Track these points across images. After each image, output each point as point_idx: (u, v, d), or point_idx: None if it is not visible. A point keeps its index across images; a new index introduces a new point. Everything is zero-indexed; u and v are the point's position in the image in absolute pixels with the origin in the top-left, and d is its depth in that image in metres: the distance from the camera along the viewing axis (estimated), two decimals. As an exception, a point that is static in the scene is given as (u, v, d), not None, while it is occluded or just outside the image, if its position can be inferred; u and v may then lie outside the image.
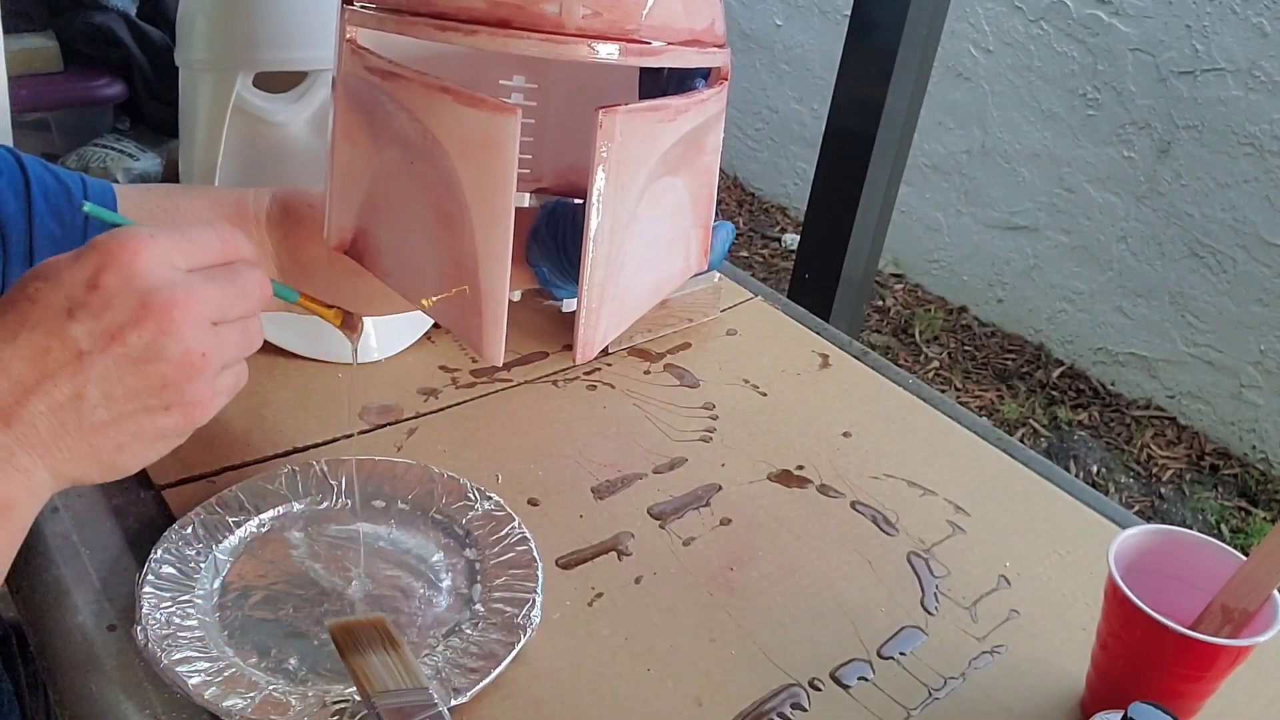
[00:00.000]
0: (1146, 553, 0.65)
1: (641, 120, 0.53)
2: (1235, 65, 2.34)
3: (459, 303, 0.56)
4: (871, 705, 0.65)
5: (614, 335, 0.59)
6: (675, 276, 0.65)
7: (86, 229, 0.62)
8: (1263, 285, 2.39)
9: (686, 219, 0.64)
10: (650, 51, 0.52)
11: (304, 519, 0.73)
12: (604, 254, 0.55)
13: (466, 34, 0.50)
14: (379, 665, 0.60)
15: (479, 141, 0.51)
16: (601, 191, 0.53)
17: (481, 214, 0.53)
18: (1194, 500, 2.38)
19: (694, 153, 0.61)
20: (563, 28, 0.49)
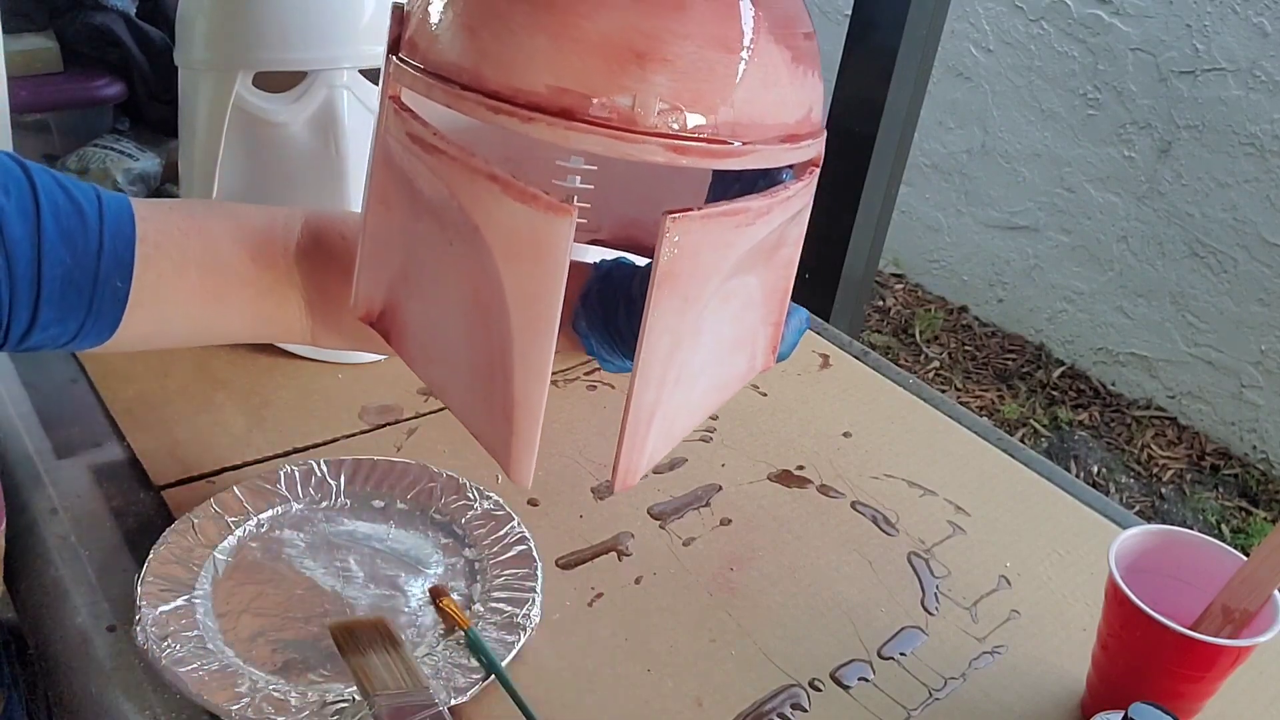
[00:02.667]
0: (1147, 553, 0.65)
1: (715, 227, 0.46)
2: (1236, 65, 2.34)
3: (489, 409, 0.50)
4: (872, 706, 0.64)
5: (660, 457, 0.53)
6: (736, 381, 0.57)
7: (100, 256, 0.57)
8: (1263, 285, 2.39)
9: (755, 316, 0.56)
10: (734, 153, 0.45)
11: (303, 519, 0.73)
12: (657, 376, 0.48)
13: (523, 120, 0.43)
14: (379, 665, 0.60)
15: (526, 242, 0.45)
16: (661, 309, 0.46)
17: (522, 321, 0.46)
18: (1194, 500, 2.38)
19: (773, 247, 0.53)
20: (634, 124, 0.43)
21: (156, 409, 0.82)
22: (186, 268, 0.60)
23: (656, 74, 0.42)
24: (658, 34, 0.42)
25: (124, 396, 0.82)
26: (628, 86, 0.42)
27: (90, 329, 0.58)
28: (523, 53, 0.43)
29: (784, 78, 0.46)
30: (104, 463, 0.77)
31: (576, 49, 0.42)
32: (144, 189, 1.08)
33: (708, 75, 0.43)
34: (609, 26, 0.42)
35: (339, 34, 0.86)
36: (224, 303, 0.62)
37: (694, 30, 0.43)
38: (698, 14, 0.43)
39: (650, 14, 0.42)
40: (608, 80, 0.42)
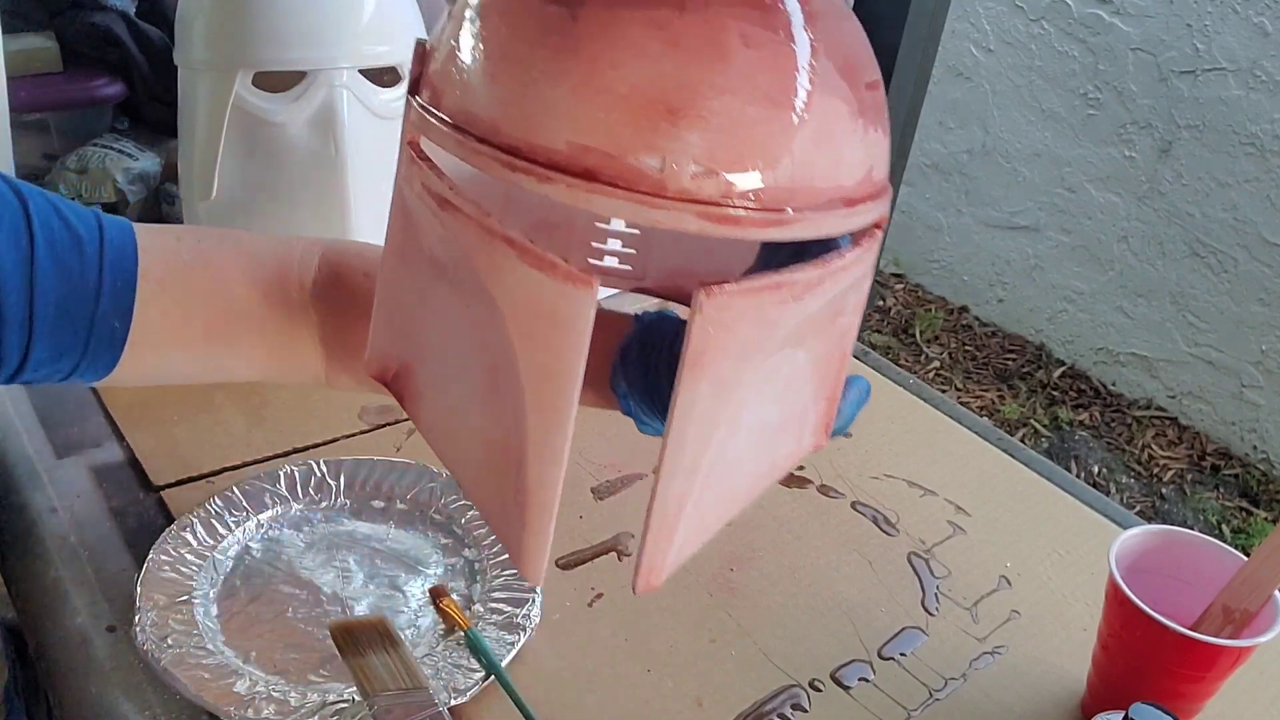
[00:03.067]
0: (1147, 553, 0.65)
1: (756, 303, 0.41)
2: (1236, 65, 2.34)
3: (500, 494, 0.46)
4: (872, 706, 0.64)
5: (691, 553, 0.47)
6: (781, 465, 0.52)
7: (99, 292, 0.53)
8: (1264, 285, 2.39)
9: (806, 393, 0.50)
10: (778, 223, 0.39)
11: (303, 519, 0.73)
12: (686, 465, 0.43)
13: (540, 180, 0.38)
14: (379, 665, 0.60)
15: (543, 314, 0.40)
16: (691, 395, 0.41)
17: (537, 400, 0.42)
18: (1195, 500, 2.38)
19: (828, 318, 0.47)
20: (663, 189, 0.37)
21: (156, 409, 0.82)
22: (192, 307, 0.56)
23: (691, 132, 0.37)
24: (695, 87, 0.37)
25: (124, 396, 0.82)
26: (657, 146, 0.37)
27: (86, 368, 0.55)
28: (542, 104, 0.38)
29: (841, 134, 0.41)
30: (104, 463, 0.77)
31: (601, 102, 0.37)
32: (144, 189, 1.08)
33: (751, 134, 0.38)
34: (639, 77, 0.37)
35: (339, 34, 0.86)
36: (231, 344, 0.58)
37: (737, 83, 0.38)
38: (742, 64, 0.38)
39: (687, 64, 0.37)
40: (635, 138, 0.37)
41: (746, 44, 0.38)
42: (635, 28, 0.38)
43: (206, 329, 0.57)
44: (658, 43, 0.37)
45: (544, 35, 0.39)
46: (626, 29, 0.38)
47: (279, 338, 0.58)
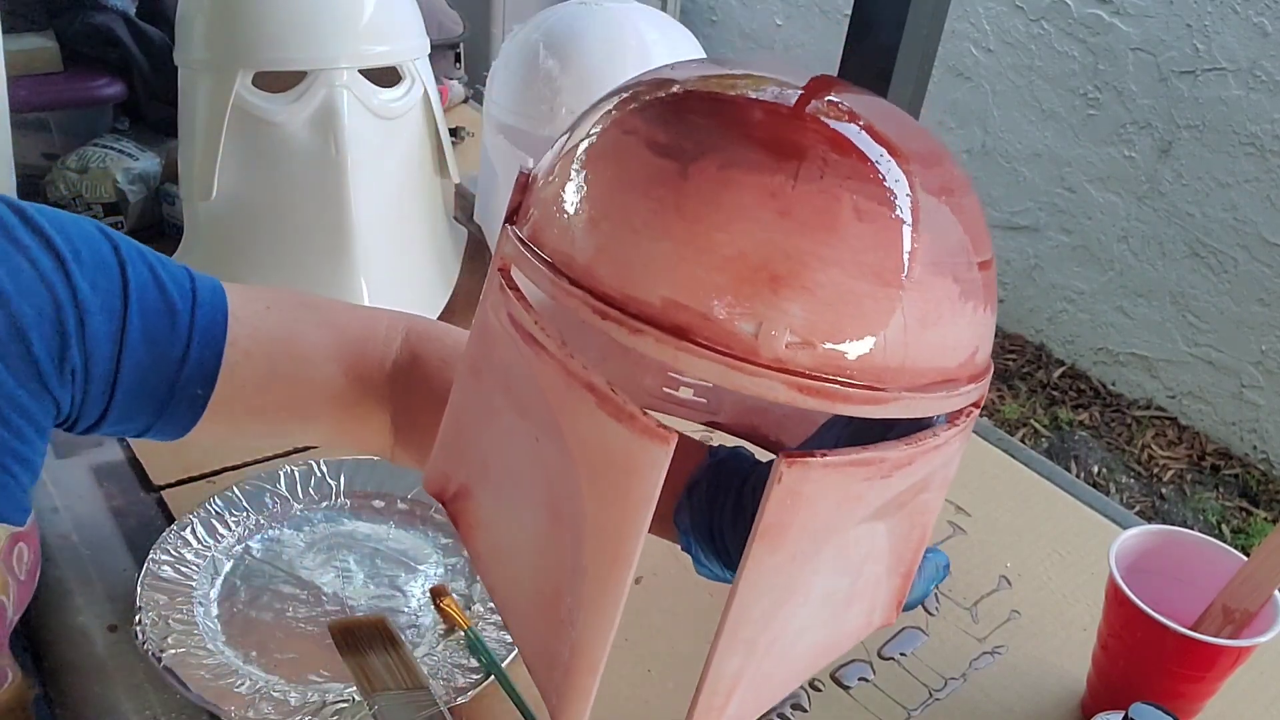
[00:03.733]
0: (1147, 553, 0.65)
1: (841, 479, 0.39)
2: (1236, 65, 2.34)
3: (545, 642, 0.44)
4: (872, 706, 0.64)
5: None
6: (847, 639, 0.49)
7: (185, 361, 0.53)
8: (1264, 285, 2.39)
9: (880, 568, 0.48)
10: (872, 400, 0.38)
11: (303, 519, 0.73)
12: (746, 640, 0.41)
13: (630, 331, 0.37)
14: (379, 665, 0.60)
15: (616, 464, 0.39)
16: (761, 566, 0.39)
17: (597, 551, 0.40)
18: (1195, 500, 2.38)
19: (911, 495, 0.45)
20: (756, 355, 0.36)
21: (156, 409, 0.82)
22: (274, 380, 0.56)
23: (791, 302, 0.36)
24: (801, 257, 0.36)
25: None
26: (754, 312, 0.36)
27: (162, 429, 0.55)
28: (641, 257, 0.38)
29: (948, 316, 0.39)
30: (104, 462, 0.77)
31: (702, 262, 0.37)
32: (144, 189, 1.08)
33: (850, 309, 0.37)
34: (745, 242, 0.36)
35: (339, 34, 0.86)
36: (306, 417, 0.58)
37: (845, 257, 0.37)
38: (852, 238, 0.37)
39: (796, 232, 0.36)
40: (732, 302, 0.36)
41: (859, 218, 0.37)
42: (747, 193, 0.37)
43: (285, 401, 0.57)
44: (768, 210, 0.36)
45: (651, 187, 0.38)
46: (737, 193, 0.37)
47: (352, 414, 0.59)
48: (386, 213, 0.90)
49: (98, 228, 0.52)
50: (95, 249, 0.51)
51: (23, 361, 0.48)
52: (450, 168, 0.98)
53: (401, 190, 0.93)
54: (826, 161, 0.37)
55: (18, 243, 0.48)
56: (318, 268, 0.87)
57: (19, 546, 0.52)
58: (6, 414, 0.48)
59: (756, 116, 0.39)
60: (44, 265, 0.48)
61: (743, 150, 0.37)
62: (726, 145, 0.38)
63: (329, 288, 0.86)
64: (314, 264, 0.87)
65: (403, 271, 0.93)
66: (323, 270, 0.87)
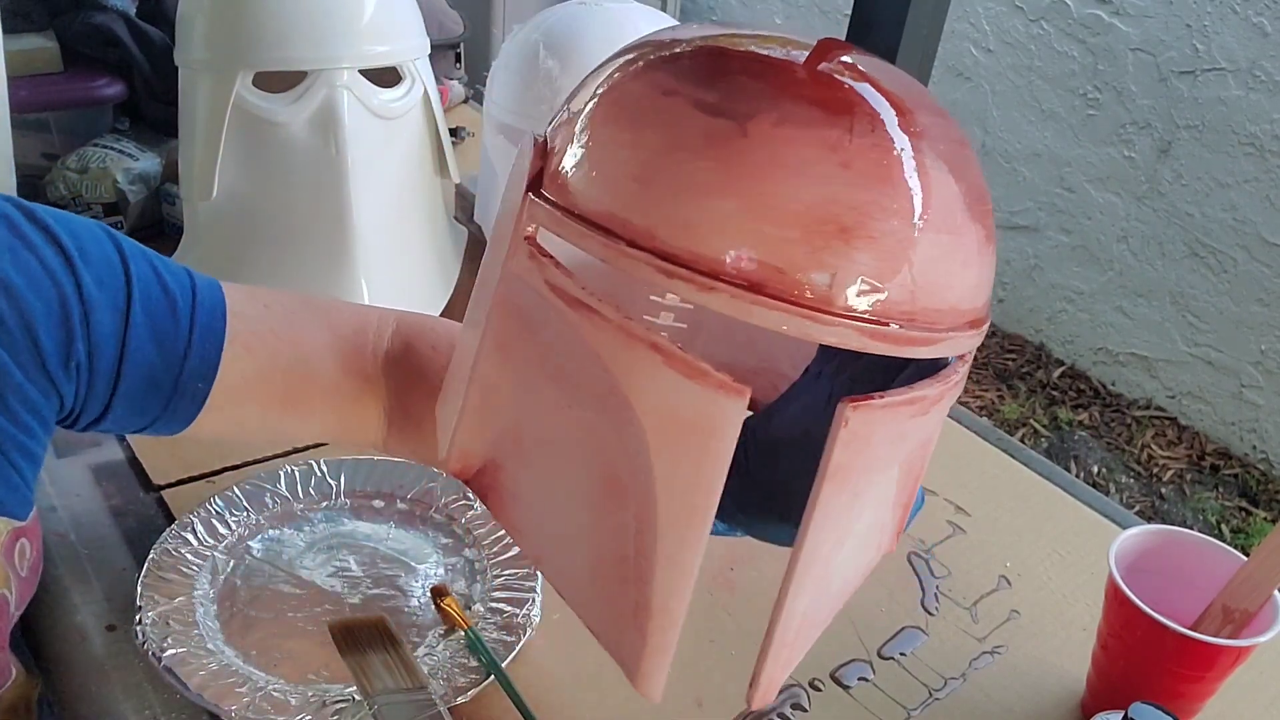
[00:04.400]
0: (1147, 553, 0.65)
1: (894, 418, 0.41)
2: (1236, 65, 2.34)
3: (615, 608, 0.45)
4: (872, 706, 0.64)
5: (795, 664, 0.47)
6: (864, 572, 0.52)
7: (187, 355, 0.54)
8: (1263, 285, 2.39)
9: (891, 501, 0.51)
10: (928, 340, 0.40)
11: (303, 519, 0.73)
12: (815, 576, 0.42)
13: (701, 289, 0.38)
14: (379, 665, 0.60)
15: (689, 424, 0.39)
16: (829, 505, 0.40)
17: (672, 514, 0.41)
18: (1194, 500, 2.38)
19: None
20: (830, 304, 0.38)
21: (156, 409, 0.82)
22: (273, 373, 0.58)
23: (861, 251, 0.38)
24: (866, 208, 0.38)
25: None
26: (828, 263, 0.37)
27: (163, 424, 0.57)
28: (707, 216, 0.38)
29: (979, 259, 0.42)
30: (104, 462, 0.77)
31: (772, 218, 0.38)
32: (144, 189, 1.08)
33: (911, 256, 0.39)
34: (812, 197, 0.37)
35: (339, 34, 0.86)
36: (304, 410, 0.60)
37: (902, 206, 0.38)
38: (905, 188, 0.39)
39: (858, 186, 0.38)
40: (807, 255, 0.37)
41: (912, 169, 0.39)
42: (807, 148, 0.38)
43: (283, 395, 0.59)
44: (830, 164, 0.38)
45: (708, 147, 0.39)
46: (799, 149, 0.38)
47: (348, 406, 0.60)
48: (386, 213, 0.90)
49: (100, 227, 0.53)
50: (100, 247, 0.52)
51: (30, 355, 0.49)
52: (450, 168, 0.98)
53: (401, 190, 0.93)
54: (874, 117, 0.39)
55: (25, 239, 0.49)
56: (318, 268, 0.87)
57: (21, 542, 0.52)
58: (13, 406, 0.48)
59: (801, 75, 0.40)
60: (50, 261, 0.49)
61: (796, 107, 0.39)
62: (779, 103, 0.39)
63: (329, 288, 0.86)
64: (314, 264, 0.88)
65: (403, 271, 0.93)
66: (323, 270, 0.87)
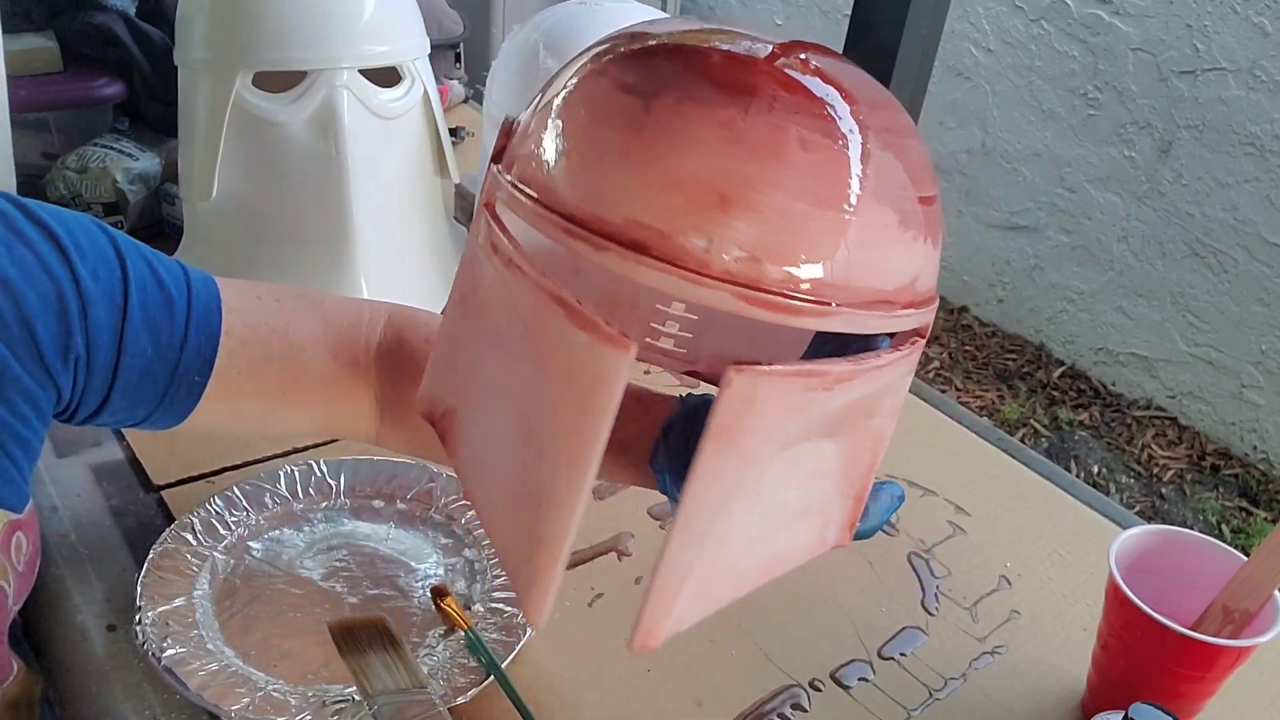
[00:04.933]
0: (1147, 553, 0.65)
1: (785, 387, 0.43)
2: (1236, 65, 2.34)
3: (515, 539, 0.48)
4: (872, 706, 0.64)
5: (692, 622, 0.48)
6: (798, 553, 0.53)
7: (183, 348, 0.55)
8: (1264, 285, 2.39)
9: (831, 488, 0.52)
10: (811, 313, 0.41)
11: (303, 519, 0.73)
12: (698, 534, 0.44)
13: (595, 248, 0.41)
14: (379, 665, 0.60)
15: (579, 371, 0.42)
16: (712, 465, 0.42)
17: (562, 451, 0.44)
18: (1195, 500, 2.38)
19: (860, 416, 0.49)
20: (707, 267, 0.40)
21: (156, 409, 0.82)
22: (268, 366, 0.58)
23: (738, 220, 0.40)
24: (748, 180, 0.40)
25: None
26: (705, 229, 0.40)
27: (160, 417, 0.57)
28: (607, 181, 0.42)
29: (886, 241, 0.43)
30: (104, 462, 0.77)
31: (660, 184, 0.41)
32: (144, 189, 1.08)
33: (794, 228, 0.41)
34: (698, 167, 0.40)
35: (339, 34, 0.86)
36: (298, 402, 0.60)
37: (788, 181, 0.40)
38: (796, 165, 0.41)
39: (745, 159, 0.40)
40: (685, 220, 0.40)
41: (804, 147, 0.41)
42: (701, 124, 0.41)
43: (278, 388, 0.59)
44: (720, 139, 0.40)
45: (617, 121, 0.42)
46: (693, 124, 0.41)
47: (342, 397, 0.61)
48: (386, 213, 0.90)
49: (94, 222, 0.54)
50: (95, 241, 0.52)
51: (28, 348, 0.49)
52: (450, 168, 0.98)
53: (401, 190, 0.93)
54: (776, 98, 0.41)
55: (21, 234, 0.50)
56: (318, 268, 0.87)
57: (17, 536, 0.52)
58: (12, 398, 0.49)
59: (716, 60, 0.42)
60: (47, 256, 0.50)
61: (700, 87, 0.41)
62: (686, 83, 0.42)
63: (329, 287, 0.86)
64: (314, 264, 0.88)
65: (403, 271, 0.93)
66: (323, 270, 0.87)
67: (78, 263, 0.51)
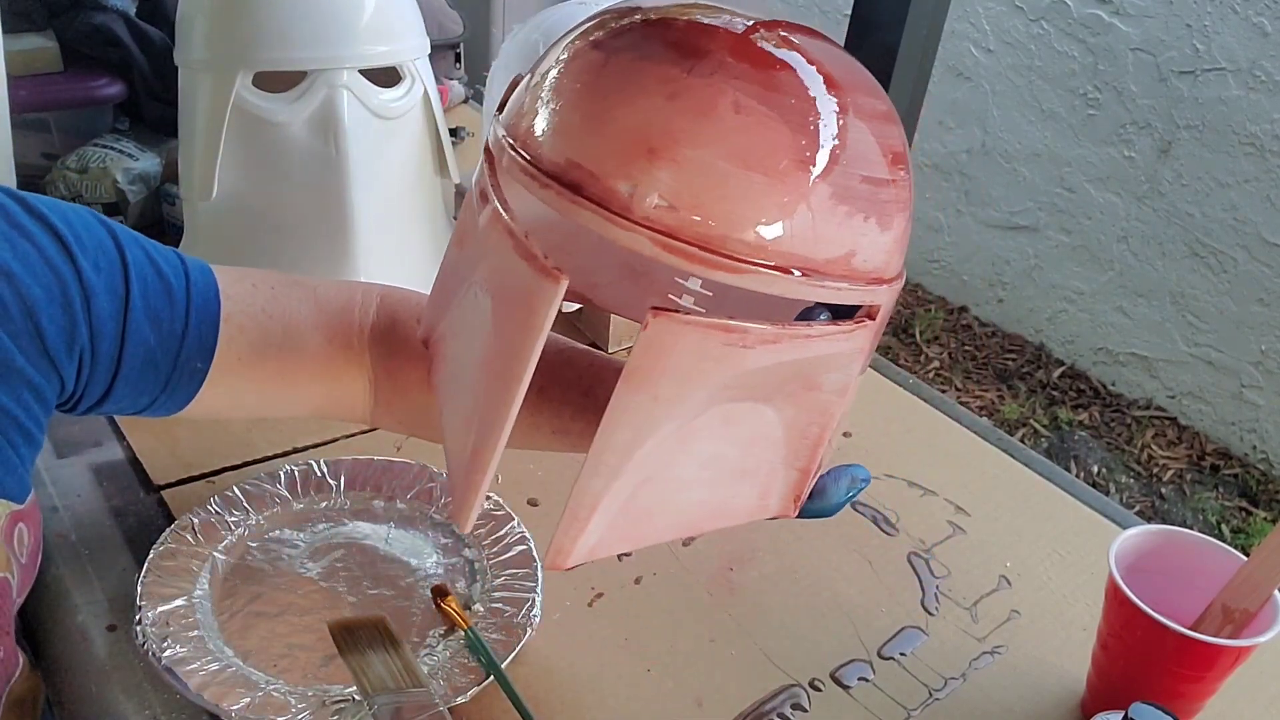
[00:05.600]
0: (1147, 553, 0.65)
1: (700, 336, 0.45)
2: (1236, 65, 2.34)
3: (456, 451, 0.52)
4: (872, 706, 0.64)
5: (609, 553, 0.51)
6: (739, 511, 0.55)
7: (184, 337, 0.56)
8: (1263, 285, 2.39)
9: (774, 454, 0.54)
10: (725, 266, 0.43)
11: (303, 519, 0.73)
12: (609, 466, 0.47)
13: (541, 185, 0.45)
14: (379, 665, 0.60)
15: (516, 296, 0.46)
16: (625, 401, 0.45)
17: (495, 373, 0.47)
18: (1194, 500, 2.38)
19: (800, 387, 0.51)
20: (629, 211, 0.43)
21: (156, 409, 0.82)
22: (266, 351, 0.59)
23: (661, 170, 0.42)
24: (677, 133, 0.42)
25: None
26: (631, 175, 0.43)
27: (163, 404, 0.58)
28: (560, 125, 0.45)
29: (815, 210, 0.44)
30: (104, 462, 0.77)
31: (600, 131, 0.44)
32: (144, 189, 1.08)
33: (714, 184, 0.43)
34: (635, 117, 0.43)
35: (339, 34, 0.86)
36: (296, 384, 0.61)
37: (714, 139, 0.43)
38: (725, 125, 0.43)
39: (677, 114, 0.43)
40: (615, 165, 0.43)
41: (736, 110, 0.43)
42: (647, 78, 0.44)
43: (277, 371, 0.60)
44: (660, 94, 0.43)
45: (581, 74, 0.46)
46: (640, 77, 0.44)
47: (338, 380, 0.62)
48: (386, 213, 0.90)
49: (92, 214, 0.55)
50: (94, 233, 0.53)
51: (32, 340, 0.50)
52: (450, 168, 0.98)
53: (401, 190, 0.93)
54: (722, 63, 0.43)
55: (22, 228, 0.50)
56: (318, 268, 0.87)
57: (19, 527, 0.52)
58: (17, 389, 0.49)
59: (680, 26, 0.45)
60: (49, 249, 0.51)
61: (656, 47, 0.44)
62: (645, 43, 0.45)
63: (329, 288, 0.86)
64: (314, 264, 0.88)
65: (403, 271, 0.93)
66: (322, 270, 0.87)
67: (79, 255, 0.51)
